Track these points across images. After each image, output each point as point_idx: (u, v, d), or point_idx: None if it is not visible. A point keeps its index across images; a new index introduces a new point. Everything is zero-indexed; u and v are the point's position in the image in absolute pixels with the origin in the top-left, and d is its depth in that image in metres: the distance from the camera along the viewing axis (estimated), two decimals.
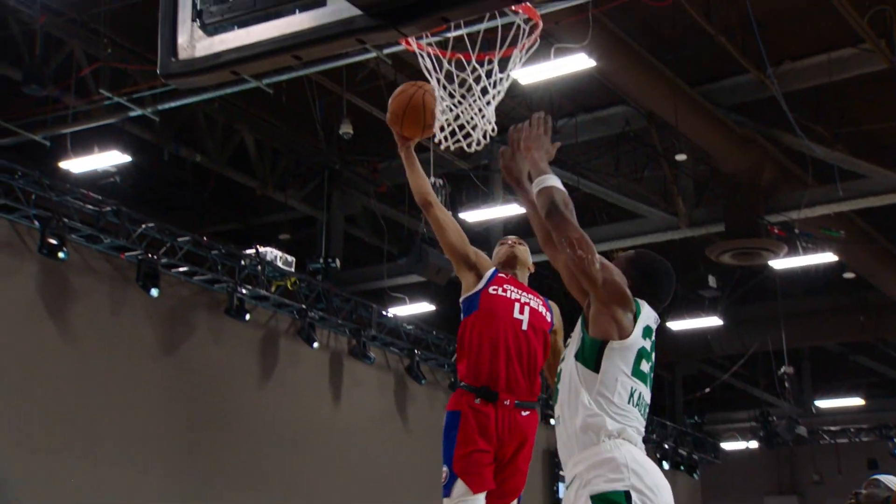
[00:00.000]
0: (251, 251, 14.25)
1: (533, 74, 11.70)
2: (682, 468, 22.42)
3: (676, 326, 19.09)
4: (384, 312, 16.36)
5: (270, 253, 14.39)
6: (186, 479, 13.35)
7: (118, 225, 12.71)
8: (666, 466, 21.37)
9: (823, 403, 24.44)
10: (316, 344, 14.97)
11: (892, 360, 22.11)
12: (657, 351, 4.03)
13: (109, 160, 13.70)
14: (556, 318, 5.34)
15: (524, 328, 5.11)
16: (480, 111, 4.31)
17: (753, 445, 24.78)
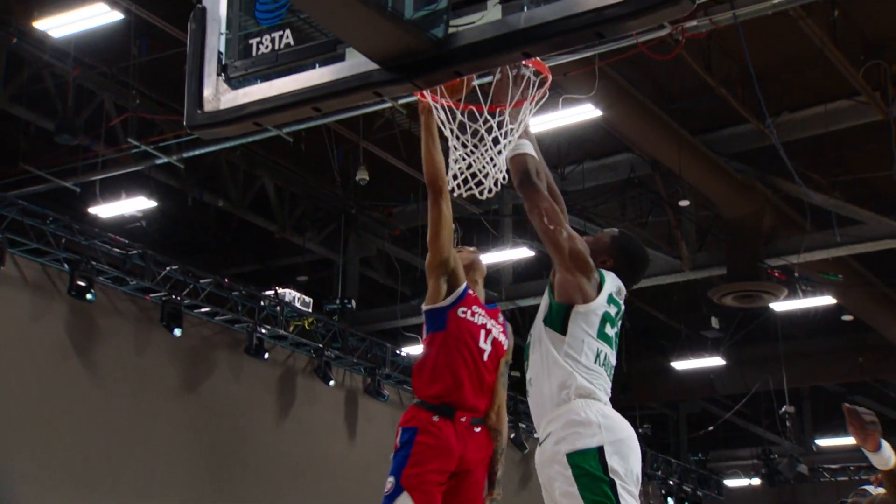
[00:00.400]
0: (270, 292, 14.46)
1: (542, 123, 11.57)
2: None
3: (681, 366, 19.23)
4: (398, 351, 16.51)
5: (289, 294, 14.63)
6: None
7: (143, 268, 12.91)
8: (671, 503, 21.50)
9: (824, 442, 24.38)
10: (332, 382, 15.07)
11: (890, 400, 22.02)
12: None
13: (136, 205, 14.02)
14: (510, 341, 5.35)
15: (485, 359, 5.13)
16: (492, 160, 4.36)
17: (756, 482, 24.58)
